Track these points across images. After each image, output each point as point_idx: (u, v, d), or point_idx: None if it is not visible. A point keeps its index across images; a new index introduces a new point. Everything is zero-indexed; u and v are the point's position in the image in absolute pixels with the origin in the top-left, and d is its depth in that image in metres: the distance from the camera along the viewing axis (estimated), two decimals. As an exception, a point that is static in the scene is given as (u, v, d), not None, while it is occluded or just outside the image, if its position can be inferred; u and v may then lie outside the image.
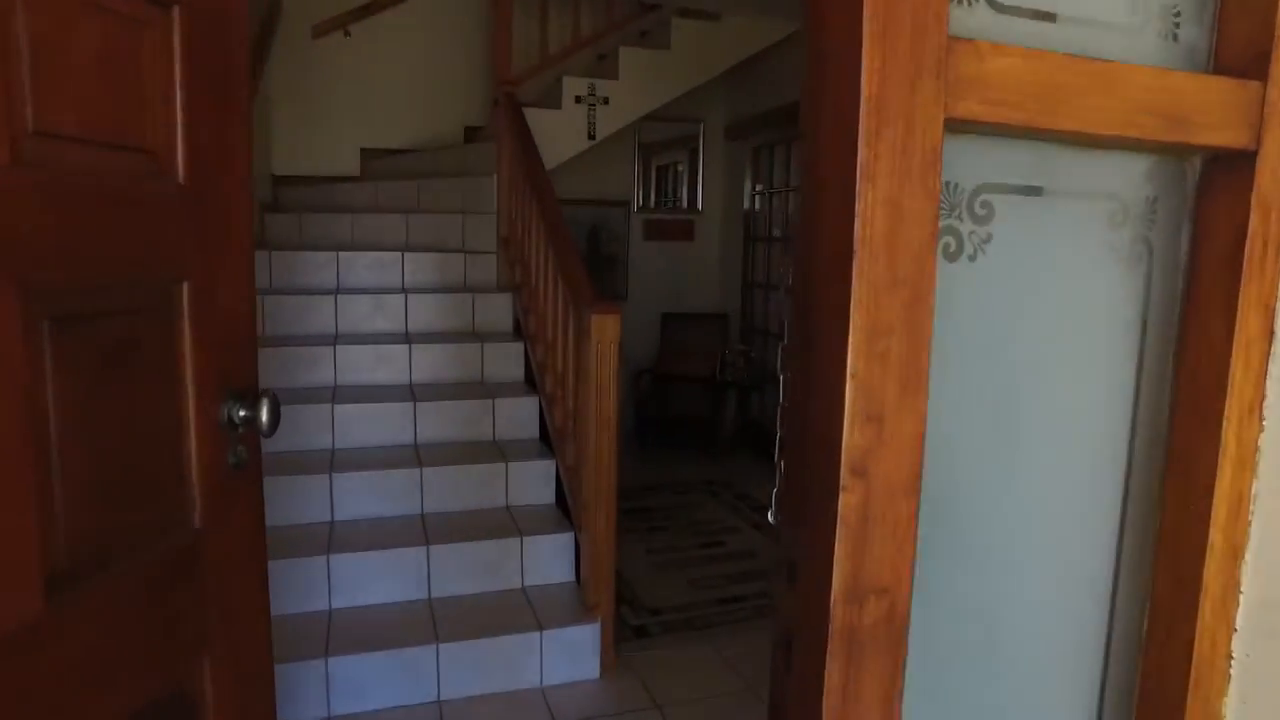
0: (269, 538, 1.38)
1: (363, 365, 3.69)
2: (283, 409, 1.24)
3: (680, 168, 6.65)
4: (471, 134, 5.63)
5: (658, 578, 3.70)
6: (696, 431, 5.87)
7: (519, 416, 3.64)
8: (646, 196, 6.45)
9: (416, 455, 3.31)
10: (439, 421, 3.50)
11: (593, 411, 2.71)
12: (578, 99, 4.73)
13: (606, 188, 6.22)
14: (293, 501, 2.97)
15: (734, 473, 5.45)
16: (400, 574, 2.85)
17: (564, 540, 3.05)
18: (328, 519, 3.04)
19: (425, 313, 4.10)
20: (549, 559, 3.04)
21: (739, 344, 5.92)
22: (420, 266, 4.35)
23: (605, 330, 2.70)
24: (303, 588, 2.72)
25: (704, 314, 6.41)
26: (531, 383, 3.84)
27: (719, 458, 5.76)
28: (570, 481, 3.08)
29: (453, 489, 3.21)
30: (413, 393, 3.60)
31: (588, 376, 2.72)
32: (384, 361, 3.74)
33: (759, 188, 5.90)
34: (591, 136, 4.79)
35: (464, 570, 2.93)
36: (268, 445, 1.33)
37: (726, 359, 5.77)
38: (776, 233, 5.69)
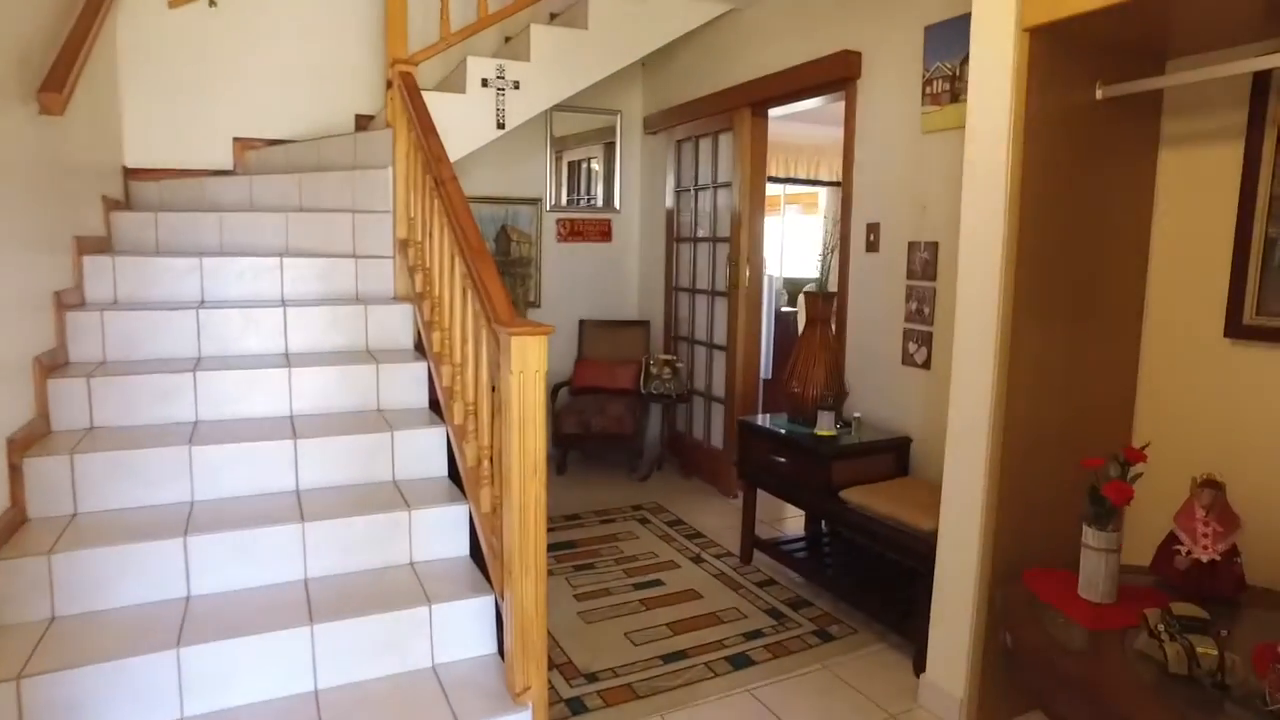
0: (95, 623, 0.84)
1: (231, 395, 3.07)
2: (125, 455, 0.71)
3: (596, 164, 6.18)
4: (364, 123, 5.00)
5: (591, 632, 3.23)
6: (620, 450, 5.41)
7: (423, 452, 3.09)
8: (560, 194, 5.95)
9: (299, 506, 2.72)
10: (326, 461, 2.92)
11: (515, 452, 2.22)
12: (484, 82, 4.20)
13: (516, 184, 5.69)
14: (133, 577, 2.35)
15: (663, 494, 5.02)
16: (279, 663, 2.28)
17: (481, 606, 2.54)
18: (182, 594, 2.43)
19: (309, 329, 3.49)
20: (464, 630, 2.52)
21: (663, 353, 5.50)
22: (303, 274, 3.73)
23: (529, 356, 2.21)
24: (144, 695, 2.12)
25: (624, 321, 5.96)
26: (438, 409, 3.30)
27: (646, 477, 5.31)
28: (487, 535, 2.57)
29: (344, 547, 2.65)
30: (293, 427, 3.01)
31: (508, 410, 2.22)
32: (258, 389, 3.12)
33: (682, 184, 5.49)
34: (501, 125, 4.26)
35: (360, 652, 2.38)
36: (97, 503, 0.79)
37: (650, 370, 5.34)
38: (702, 233, 5.29)
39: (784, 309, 5.63)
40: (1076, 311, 2.53)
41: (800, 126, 8.65)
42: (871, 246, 3.81)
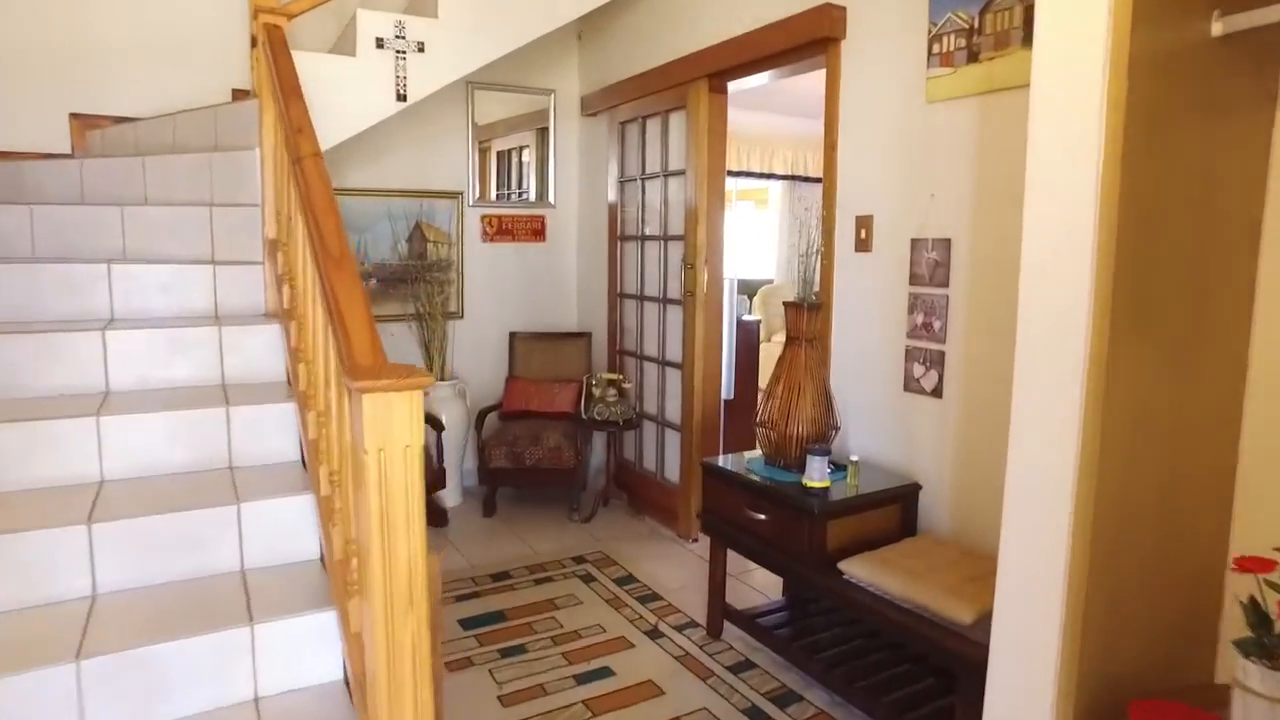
0: None
1: (11, 454, 2.20)
2: None
3: (527, 152, 5.37)
4: (242, 99, 4.11)
5: (518, 759, 2.44)
6: (558, 485, 4.62)
7: (287, 527, 2.27)
8: (486, 186, 5.13)
9: (83, 628, 1.88)
10: (139, 551, 2.08)
11: (379, 572, 1.42)
12: (380, 42, 3.37)
13: (433, 175, 4.85)
14: None
15: (610, 538, 4.25)
16: None
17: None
18: None
19: (141, 358, 2.64)
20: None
21: (608, 372, 4.72)
22: (141, 285, 2.87)
23: (394, 423, 1.41)
24: None
25: (562, 333, 5.17)
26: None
27: (590, 518, 4.53)
28: (355, 669, 1.76)
29: (161, 681, 1.82)
30: (96, 501, 2.15)
31: (365, 505, 1.42)
32: (49, 445, 2.26)
33: (627, 174, 4.72)
34: (402, 97, 3.44)
35: None
36: None
37: (592, 391, 4.56)
38: (651, 230, 4.53)
39: (744, 317, 4.92)
40: (1182, 330, 1.84)
41: (754, 116, 7.98)
42: (862, 245, 3.10)
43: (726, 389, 4.46)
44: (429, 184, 4.83)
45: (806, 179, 8.60)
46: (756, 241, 9.40)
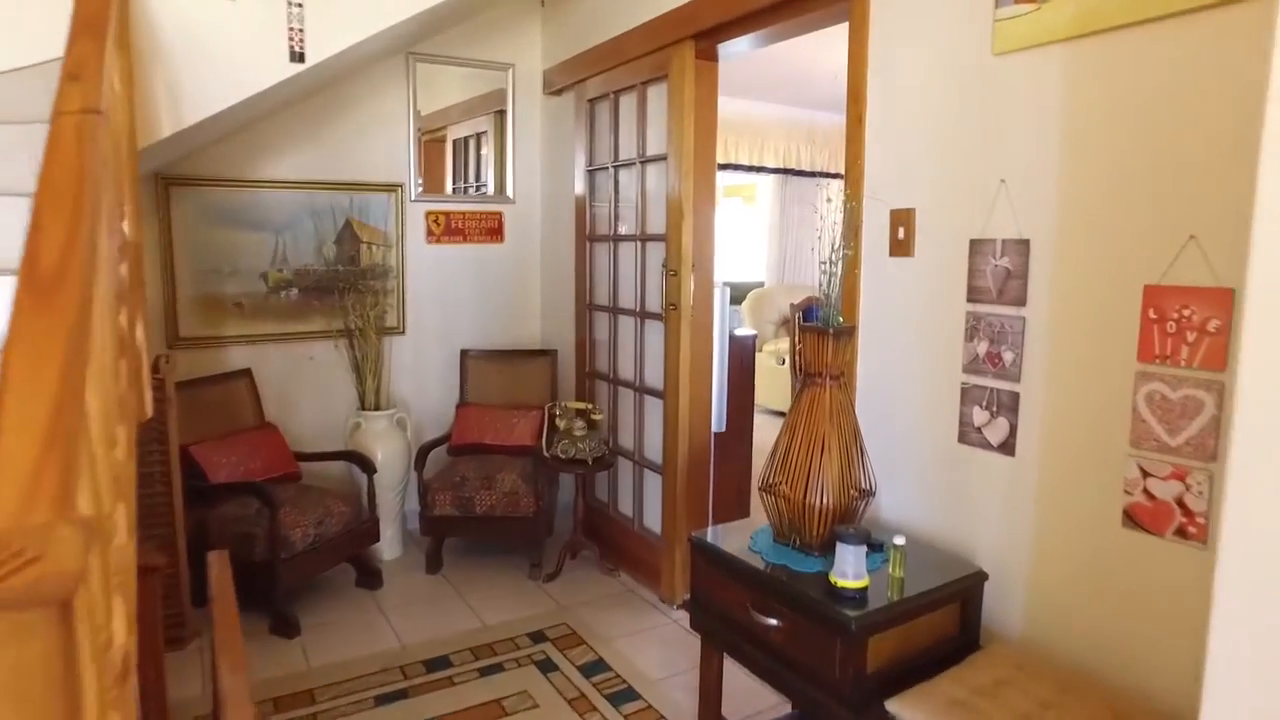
0: None
1: None
2: None
3: (486, 142, 4.60)
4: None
5: None
6: (516, 537, 3.85)
7: None
8: (439, 178, 4.36)
9: None
10: None
11: None
12: (263, -16, 2.59)
13: (367, 163, 4.07)
14: None
15: (578, 603, 3.49)
16: None
17: None
18: None
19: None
20: None
21: (575, 400, 3.96)
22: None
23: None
24: None
25: (523, 351, 4.40)
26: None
27: (553, 576, 3.77)
28: None
29: None
30: None
31: None
32: None
33: (596, 161, 3.95)
34: (298, 57, 2.65)
35: None
36: None
37: (556, 423, 3.79)
38: (626, 229, 3.77)
39: (738, 331, 4.17)
40: None
41: (742, 103, 7.24)
42: (899, 248, 2.36)
43: (717, 420, 3.71)
44: (362, 174, 4.04)
45: (801, 173, 7.87)
46: (745, 241, 8.66)
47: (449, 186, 4.46)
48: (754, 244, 8.49)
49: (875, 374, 2.44)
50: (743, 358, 4.11)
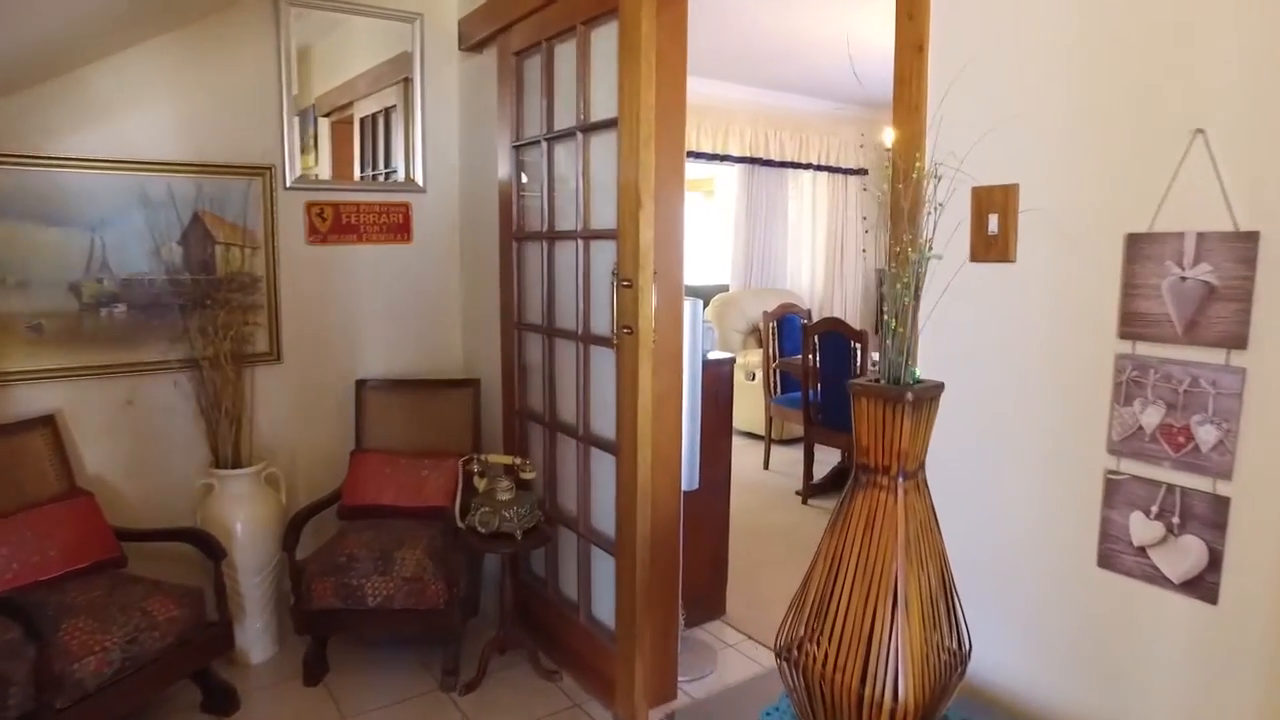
0: None
1: None
2: None
3: (395, 117, 3.65)
4: None
5: None
6: (422, 633, 2.90)
7: None
8: (340, 166, 3.42)
9: None
10: None
11: None
12: None
13: (224, 138, 3.08)
14: None
15: (502, 740, 2.57)
16: None
17: None
18: None
19: None
20: None
21: (499, 454, 3.03)
22: None
23: None
24: None
25: (437, 381, 3.45)
26: None
27: (474, 685, 2.82)
28: None
29: None
30: None
31: None
32: None
33: (526, 134, 3.02)
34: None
35: None
36: None
37: (475, 481, 2.85)
38: (563, 224, 2.84)
39: (711, 355, 3.28)
40: None
41: (702, 84, 6.35)
42: (989, 247, 1.48)
43: (688, 478, 2.81)
44: (216, 153, 3.05)
45: (769, 162, 7.02)
46: (705, 239, 7.79)
47: (358, 175, 3.51)
48: (716, 242, 7.63)
49: (946, 452, 1.56)
50: (718, 390, 3.22)
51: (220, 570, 2.65)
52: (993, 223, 1.47)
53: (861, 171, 7.70)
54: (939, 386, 1.24)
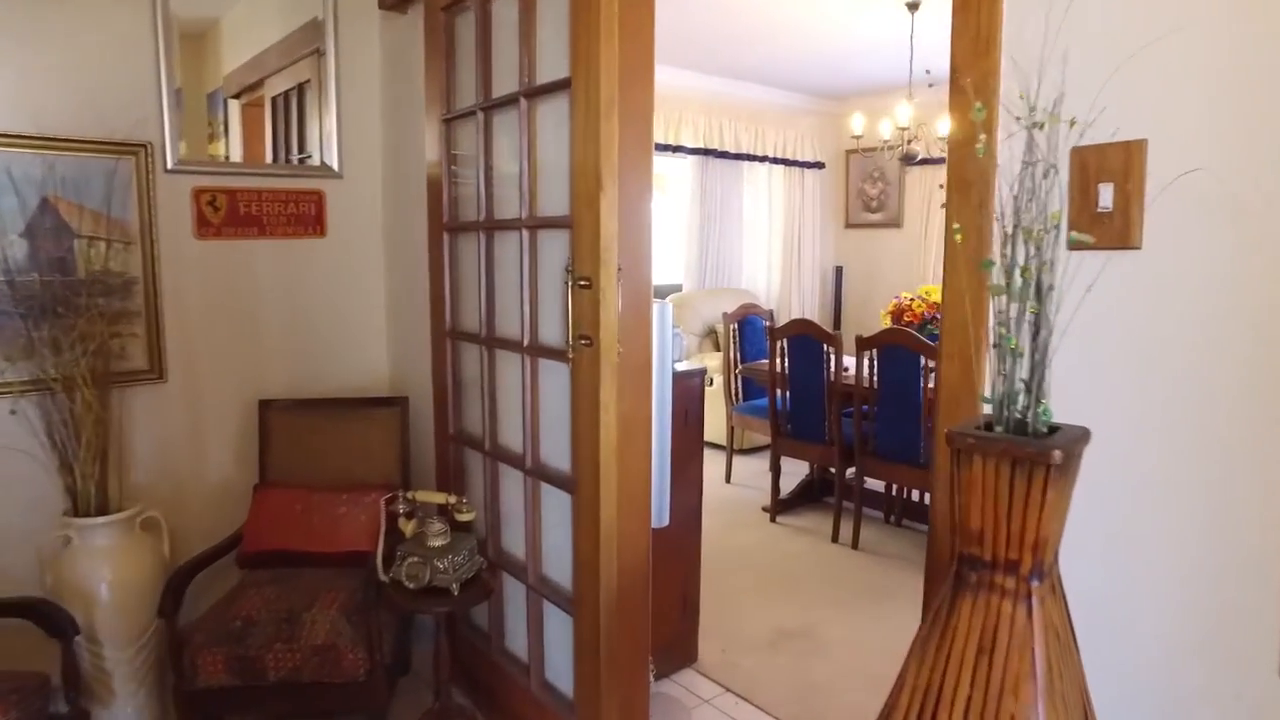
0: None
1: None
2: None
3: (309, 93, 3.13)
4: None
5: None
6: (343, 705, 2.39)
7: None
8: (251, 152, 2.89)
9: None
10: None
11: None
12: None
13: (83, 107, 2.52)
14: None
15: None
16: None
17: None
18: None
19: None
20: None
21: (429, 491, 2.54)
22: None
23: None
24: None
25: (356, 400, 2.94)
26: None
27: (399, 778, 2.33)
28: None
29: None
30: None
31: None
32: None
33: (459, 105, 2.52)
34: None
35: None
36: None
37: (401, 524, 2.35)
38: (504, 211, 2.36)
39: (680, 366, 2.85)
40: None
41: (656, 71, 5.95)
42: (1101, 229, 1.06)
43: (658, 514, 2.36)
44: (67, 125, 2.49)
45: (724, 154, 6.62)
46: (656, 237, 7.35)
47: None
48: (668, 240, 7.20)
49: (1067, 531, 1.13)
50: (688, 406, 2.78)
51: (70, 650, 2.10)
52: (1104, 195, 1.06)
53: (819, 165, 7.36)
54: (1084, 435, 0.81)
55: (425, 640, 2.69)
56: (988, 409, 0.89)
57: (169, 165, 2.65)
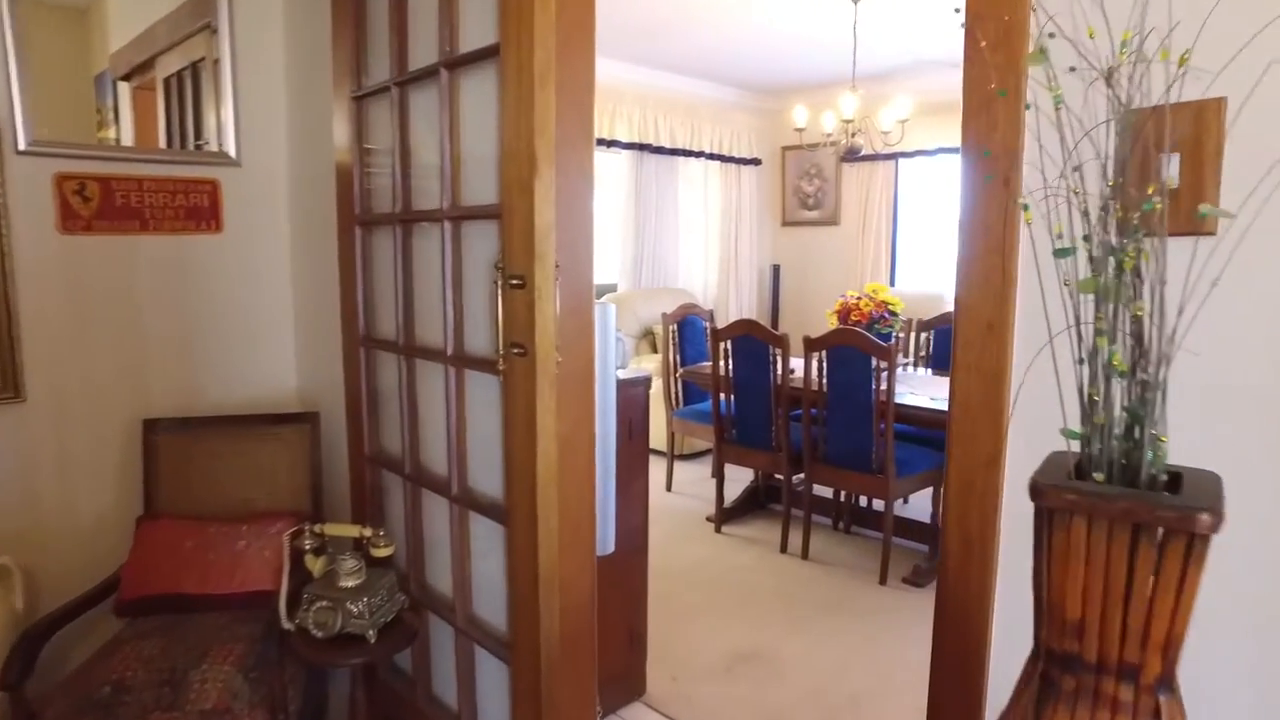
0: None
1: None
2: None
3: (202, 70, 2.77)
4: None
5: None
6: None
7: None
8: (112, 132, 2.53)
9: None
10: None
11: None
12: None
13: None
14: None
15: None
16: None
17: None
18: None
19: None
20: None
21: (339, 524, 2.23)
22: None
23: None
24: None
25: (259, 417, 2.60)
26: None
27: None
28: None
29: None
30: None
31: None
32: None
33: (371, 79, 2.21)
34: None
35: None
36: None
37: (307, 561, 2.05)
38: (424, 201, 2.06)
39: (623, 374, 2.60)
40: None
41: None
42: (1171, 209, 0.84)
43: (603, 541, 2.10)
44: (-95, 102, 2.09)
45: (660, 149, 6.40)
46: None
47: (162, 141, 2.63)
48: (602, 237, 6.95)
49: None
50: (632, 417, 2.53)
51: (-103, 729, 1.74)
52: (1171, 165, 0.85)
53: (755, 161, 7.21)
54: (1217, 487, 0.59)
55: (346, 681, 2.38)
56: (1044, 443, 0.67)
57: (21, 146, 2.26)
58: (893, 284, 6.80)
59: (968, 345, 1.02)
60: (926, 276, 6.76)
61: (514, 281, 1.65)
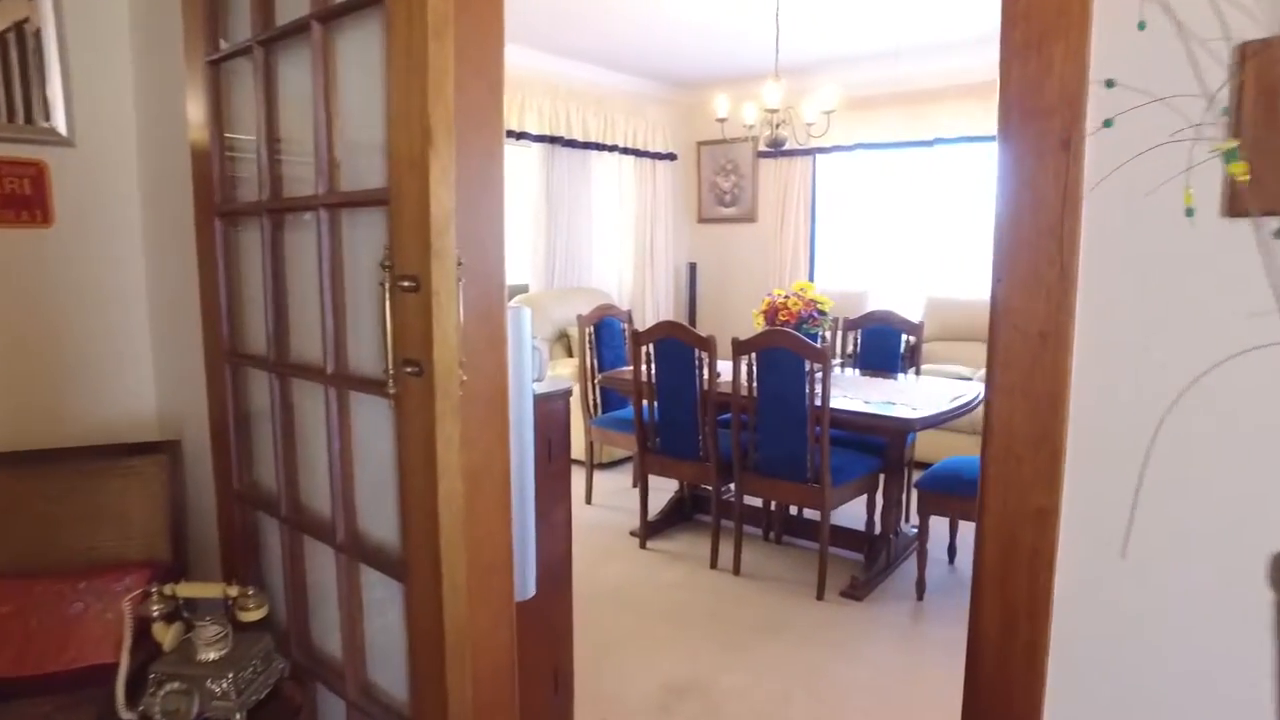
0: None
1: None
2: None
3: (26, 31, 2.31)
4: None
5: None
6: None
7: None
8: None
9: None
10: None
11: None
12: None
13: None
14: None
15: None
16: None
17: None
18: None
19: None
20: None
21: (205, 584, 1.86)
22: None
23: None
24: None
25: (101, 449, 2.17)
26: None
27: None
28: None
29: None
30: None
31: None
32: None
33: (232, 39, 1.84)
34: None
35: None
36: None
37: (156, 632, 1.66)
38: (301, 189, 1.71)
39: (541, 389, 2.29)
40: None
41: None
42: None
43: (522, 584, 1.80)
44: None
45: (572, 143, 6.08)
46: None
47: None
48: (512, 234, 6.58)
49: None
50: (551, 435, 2.22)
51: None
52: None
53: (670, 156, 6.98)
54: None
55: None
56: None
57: None
58: (812, 281, 6.68)
59: (1009, 361, 0.77)
60: (847, 274, 6.67)
61: (405, 283, 1.33)
